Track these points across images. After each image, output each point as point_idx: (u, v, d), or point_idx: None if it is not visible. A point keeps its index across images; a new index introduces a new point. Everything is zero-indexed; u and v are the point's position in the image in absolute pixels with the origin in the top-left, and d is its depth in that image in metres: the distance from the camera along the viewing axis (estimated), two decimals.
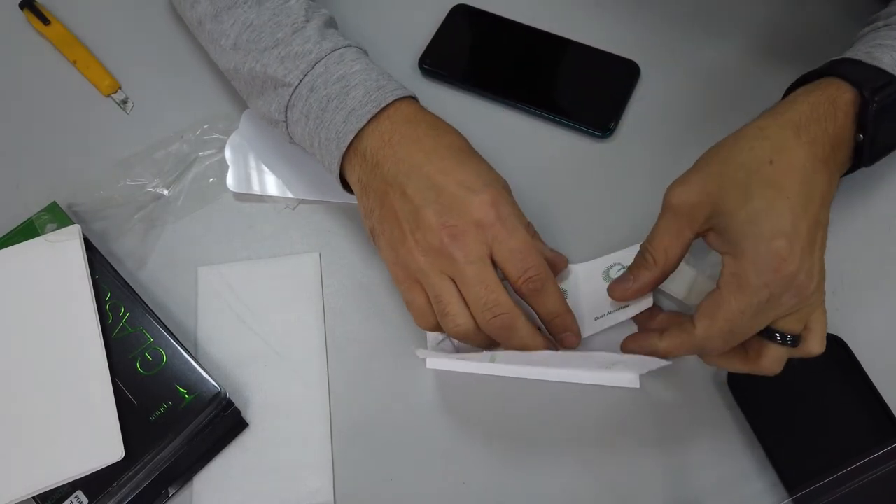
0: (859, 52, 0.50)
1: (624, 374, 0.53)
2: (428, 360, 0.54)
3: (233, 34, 0.55)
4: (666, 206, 0.48)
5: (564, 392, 0.53)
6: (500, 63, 0.66)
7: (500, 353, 0.50)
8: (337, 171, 0.52)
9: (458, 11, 0.68)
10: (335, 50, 0.53)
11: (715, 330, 0.45)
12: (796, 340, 0.46)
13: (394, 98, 0.51)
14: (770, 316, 0.45)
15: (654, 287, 0.49)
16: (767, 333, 0.46)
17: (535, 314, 0.50)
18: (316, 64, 0.52)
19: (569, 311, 0.50)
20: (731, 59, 0.66)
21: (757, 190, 0.44)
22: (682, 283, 0.55)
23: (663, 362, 0.48)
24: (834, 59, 0.51)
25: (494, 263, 0.48)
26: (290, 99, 0.53)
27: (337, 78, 0.52)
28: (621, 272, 0.51)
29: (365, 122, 0.50)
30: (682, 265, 0.55)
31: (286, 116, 0.54)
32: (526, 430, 0.53)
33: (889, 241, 0.57)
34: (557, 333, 0.50)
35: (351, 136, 0.50)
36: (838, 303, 0.55)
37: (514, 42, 0.66)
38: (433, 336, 0.54)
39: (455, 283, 0.47)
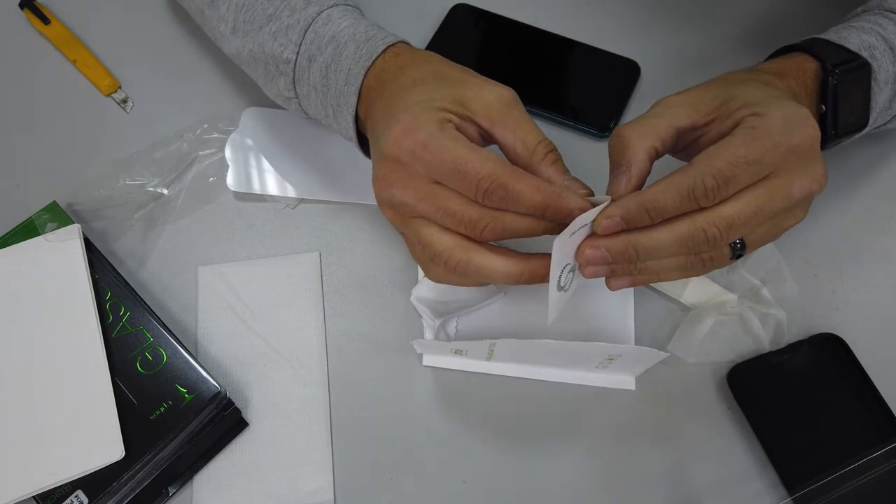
0: (830, 34, 0.51)
1: (619, 375, 0.53)
2: (425, 357, 0.54)
3: (230, 18, 0.54)
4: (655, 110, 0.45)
5: (564, 392, 0.53)
6: (499, 62, 0.66)
7: (496, 346, 0.50)
8: (354, 137, 0.50)
9: (457, 11, 0.68)
10: (321, 12, 0.51)
11: (710, 169, 0.40)
12: (742, 251, 0.43)
13: (384, 46, 0.49)
14: (771, 201, 0.41)
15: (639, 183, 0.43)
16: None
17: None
18: (306, 31, 0.50)
19: (554, 191, 0.42)
20: (732, 58, 0.65)
21: (748, 84, 0.44)
22: (681, 284, 0.55)
23: (661, 356, 0.48)
24: (804, 38, 0.51)
25: None
26: (294, 74, 0.51)
27: (328, 40, 0.50)
28: (571, 273, 0.46)
29: (361, 78, 0.48)
30: None
31: (296, 93, 0.52)
32: (526, 430, 0.53)
33: (889, 241, 0.57)
34: (561, 220, 0.42)
35: (354, 98, 0.48)
36: (838, 303, 0.55)
37: (514, 41, 0.66)
38: (430, 326, 0.54)
39: None
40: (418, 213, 0.43)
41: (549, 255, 0.42)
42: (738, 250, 0.43)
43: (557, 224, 0.42)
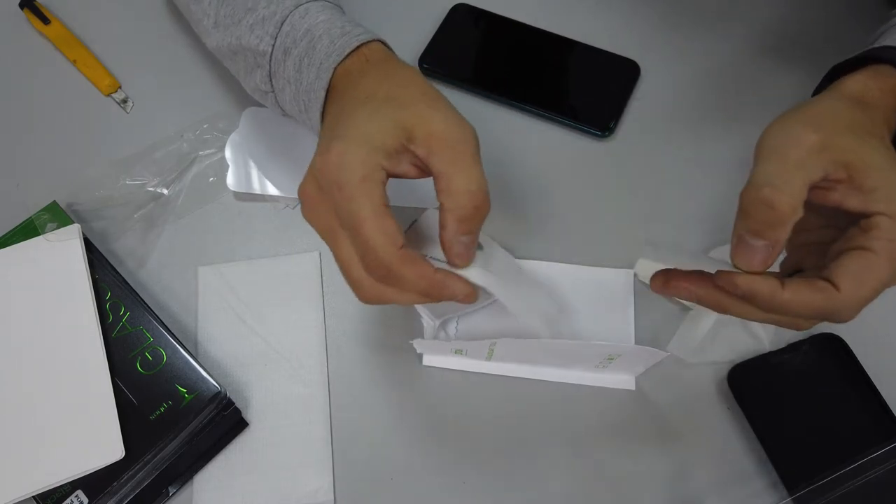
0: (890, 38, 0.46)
1: (619, 374, 0.53)
2: (425, 357, 0.54)
3: (212, 12, 0.53)
4: (768, 148, 0.40)
5: (564, 392, 0.53)
6: (500, 62, 0.66)
7: (497, 346, 0.50)
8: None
9: (457, 11, 0.68)
10: (299, 5, 0.50)
11: (859, 296, 0.38)
12: None
13: (358, 42, 0.47)
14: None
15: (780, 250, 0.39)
16: None
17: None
18: (282, 24, 0.49)
19: (438, 279, 0.41)
20: (731, 58, 0.66)
21: (872, 140, 0.39)
22: None
23: (661, 355, 0.48)
24: (870, 47, 0.46)
25: None
26: (270, 67, 0.50)
27: (303, 33, 0.48)
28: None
29: (331, 73, 0.46)
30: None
31: (272, 86, 0.51)
32: (526, 430, 0.53)
33: None
34: (444, 300, 0.42)
35: (323, 93, 0.47)
36: None
37: (515, 41, 0.66)
38: (429, 326, 0.54)
39: None
40: (333, 242, 0.42)
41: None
42: None
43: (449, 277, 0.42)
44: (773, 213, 0.38)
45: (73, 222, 0.56)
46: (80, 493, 0.48)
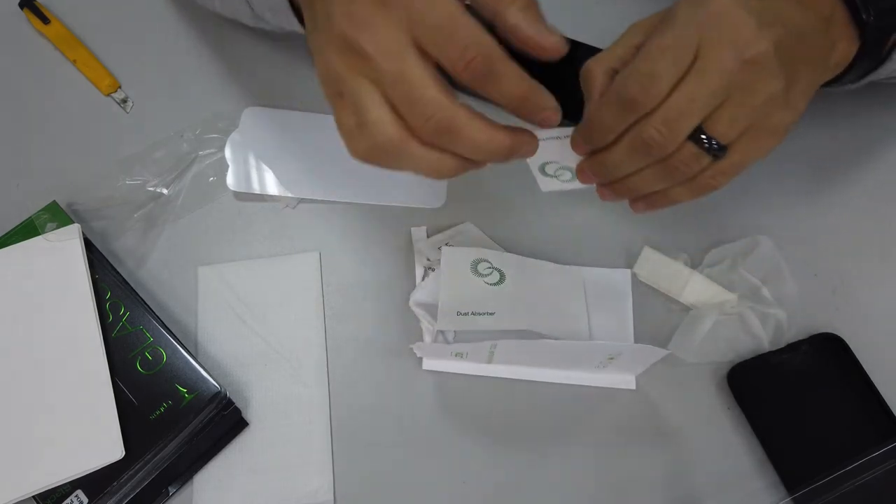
0: None
1: (620, 374, 0.53)
2: (424, 361, 0.54)
3: None
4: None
5: (564, 392, 0.53)
6: None
7: (497, 348, 0.50)
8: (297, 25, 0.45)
9: None
10: None
11: (631, 70, 0.38)
12: (721, 150, 0.39)
13: None
14: (704, 79, 0.37)
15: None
16: (693, 135, 0.39)
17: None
18: None
19: (535, 85, 0.38)
20: None
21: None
22: (680, 284, 0.55)
23: (662, 353, 0.48)
24: None
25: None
26: None
27: None
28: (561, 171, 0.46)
29: None
30: (681, 266, 0.55)
31: None
32: (526, 430, 0.53)
33: (889, 241, 0.57)
34: (532, 117, 0.39)
35: None
36: (838, 303, 0.55)
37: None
38: (428, 331, 0.54)
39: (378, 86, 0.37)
40: (373, 71, 0.37)
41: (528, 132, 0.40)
42: (713, 147, 0.39)
43: (516, 136, 0.38)
44: (583, 73, 0.44)
45: (72, 222, 0.56)
46: (79, 492, 0.48)
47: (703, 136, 0.39)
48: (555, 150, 0.43)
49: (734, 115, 0.38)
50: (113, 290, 0.54)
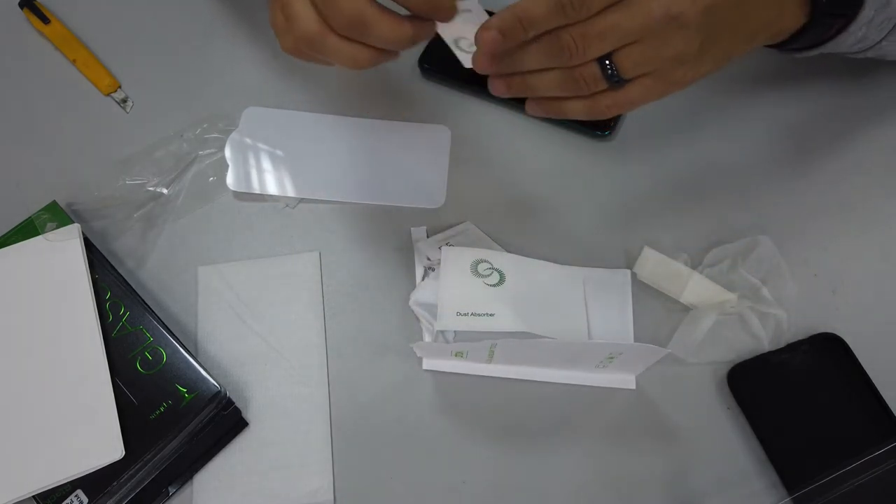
0: None
1: (620, 374, 0.53)
2: (424, 361, 0.54)
3: None
4: None
5: (564, 392, 0.53)
6: None
7: (497, 347, 0.50)
8: None
9: None
10: None
11: None
12: (619, 82, 0.43)
13: None
14: (631, 15, 0.41)
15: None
16: (601, 59, 0.42)
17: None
18: None
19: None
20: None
21: None
22: (680, 284, 0.55)
23: (662, 353, 0.48)
24: None
25: None
26: None
27: None
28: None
29: None
30: (681, 266, 0.55)
31: None
32: (526, 429, 0.53)
33: (889, 241, 0.57)
34: (431, 12, 0.44)
35: None
36: (838, 303, 0.55)
37: None
38: (428, 331, 0.54)
39: None
40: None
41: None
42: (613, 76, 0.43)
43: (414, 35, 0.44)
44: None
45: (72, 222, 0.56)
46: (80, 492, 0.48)
47: (608, 63, 0.42)
48: (466, 25, 0.45)
49: (640, 57, 0.42)
50: (113, 289, 0.54)
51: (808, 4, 0.46)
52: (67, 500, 0.47)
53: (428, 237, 0.58)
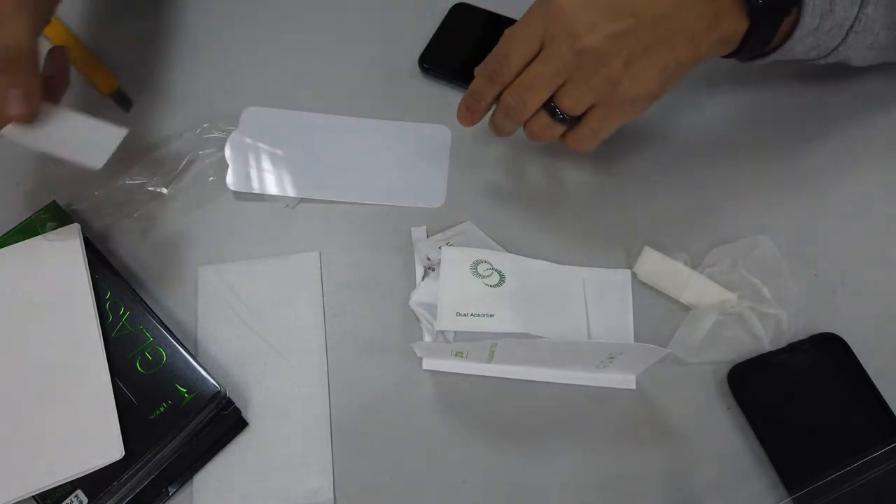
0: None
1: (620, 374, 0.53)
2: (425, 361, 0.54)
3: None
4: None
5: (564, 392, 0.53)
6: None
7: (497, 347, 0.50)
8: None
9: (458, 10, 0.68)
10: None
11: (494, 49, 0.49)
12: (570, 121, 0.49)
13: None
14: (546, 62, 0.47)
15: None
16: (548, 107, 0.49)
17: None
18: None
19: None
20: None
21: None
22: (680, 283, 0.55)
23: (662, 352, 0.48)
24: None
25: None
26: None
27: None
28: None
29: None
30: (681, 265, 0.55)
31: None
32: (525, 429, 0.53)
33: (889, 241, 0.57)
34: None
35: None
36: (838, 302, 0.55)
37: None
38: (428, 331, 0.54)
39: None
40: None
41: None
42: (563, 118, 0.49)
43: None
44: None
45: (72, 222, 0.56)
46: (79, 492, 0.48)
47: (556, 108, 0.49)
48: None
49: (575, 92, 0.47)
50: (113, 289, 0.54)
51: (744, 7, 0.47)
52: (67, 500, 0.47)
53: (428, 237, 0.58)
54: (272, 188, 0.60)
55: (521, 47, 0.47)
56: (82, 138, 0.52)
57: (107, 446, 0.48)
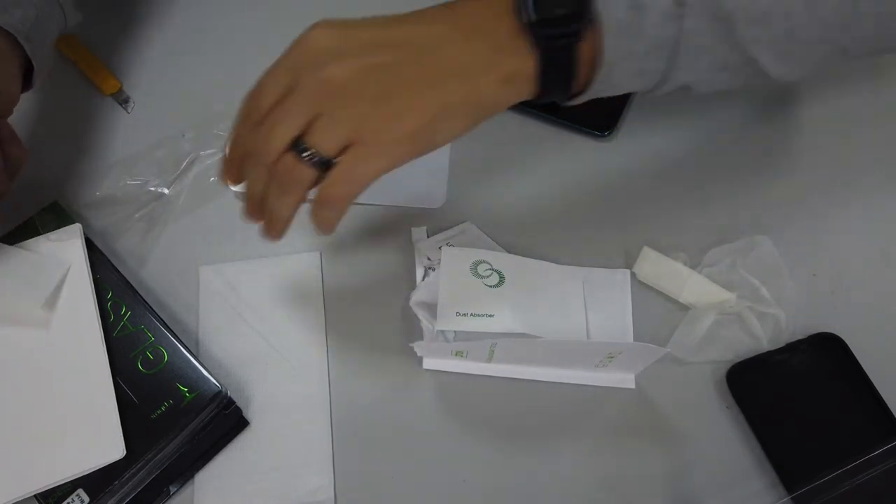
0: None
1: (619, 374, 0.53)
2: (425, 361, 0.54)
3: None
4: None
5: (564, 391, 0.53)
6: None
7: (497, 347, 0.50)
8: None
9: None
10: None
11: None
12: (324, 164, 0.42)
13: None
14: (292, 96, 0.42)
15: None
16: (296, 144, 0.42)
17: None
18: None
19: None
20: None
21: None
22: (679, 283, 0.55)
23: (662, 352, 0.48)
24: None
25: None
26: None
27: None
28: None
29: None
30: (680, 265, 0.55)
31: None
32: (526, 429, 0.53)
33: (888, 241, 0.57)
34: None
35: None
36: (837, 302, 0.55)
37: None
38: (428, 331, 0.54)
39: None
40: None
41: None
42: (317, 160, 0.42)
43: None
44: None
45: (74, 222, 0.56)
46: (81, 491, 0.48)
47: (304, 147, 0.42)
48: None
49: (323, 128, 0.41)
50: (114, 289, 0.54)
51: (526, 36, 0.41)
52: (69, 500, 0.48)
53: (428, 237, 0.58)
54: None
55: (273, 84, 0.43)
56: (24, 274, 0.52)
57: (108, 445, 0.48)
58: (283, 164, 0.42)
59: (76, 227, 0.56)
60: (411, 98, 0.41)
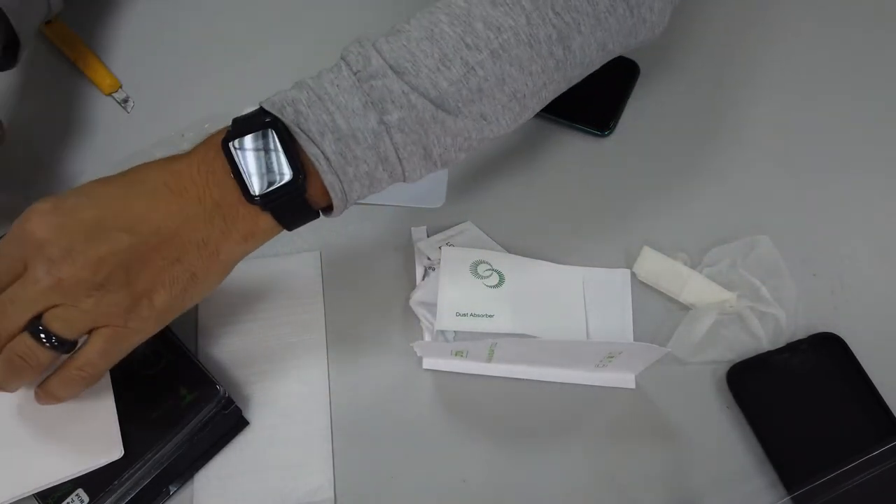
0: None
1: (619, 373, 0.53)
2: (424, 361, 0.54)
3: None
4: None
5: (564, 391, 0.53)
6: None
7: (497, 346, 0.50)
8: None
9: None
10: None
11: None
12: (64, 345, 0.42)
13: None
14: (24, 286, 0.41)
15: None
16: (32, 326, 0.41)
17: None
18: None
19: None
20: (731, 56, 0.66)
21: None
22: (679, 283, 0.55)
23: (662, 352, 0.48)
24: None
25: None
26: None
27: None
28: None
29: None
30: (680, 265, 0.55)
31: None
32: (525, 428, 0.53)
33: (888, 241, 0.57)
34: None
35: None
36: (837, 302, 0.55)
37: None
38: (428, 331, 0.54)
39: None
40: None
41: None
42: (55, 344, 0.42)
43: None
44: None
45: None
46: (80, 491, 0.48)
47: (42, 330, 0.41)
48: None
49: (66, 316, 0.41)
50: None
51: (249, 202, 0.43)
52: (68, 499, 0.48)
53: (428, 237, 0.58)
54: None
55: (4, 269, 0.42)
56: None
57: (107, 446, 0.48)
58: (19, 345, 0.42)
59: None
60: (157, 275, 0.42)
